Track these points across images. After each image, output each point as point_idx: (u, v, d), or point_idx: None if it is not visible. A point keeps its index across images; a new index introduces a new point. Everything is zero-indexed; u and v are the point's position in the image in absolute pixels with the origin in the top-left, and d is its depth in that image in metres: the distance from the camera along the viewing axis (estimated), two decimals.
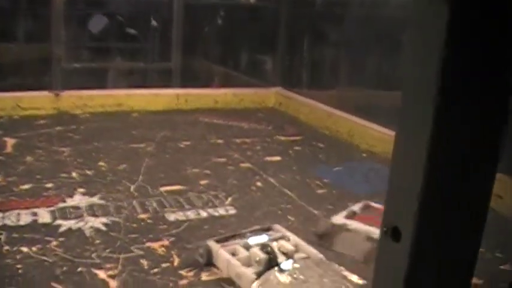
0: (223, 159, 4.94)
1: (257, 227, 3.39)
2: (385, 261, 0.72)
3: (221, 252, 3.03)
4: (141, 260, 3.10)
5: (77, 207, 3.73)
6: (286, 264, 2.77)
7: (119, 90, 6.59)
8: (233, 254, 3.03)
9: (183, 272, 3.01)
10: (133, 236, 3.39)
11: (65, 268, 2.97)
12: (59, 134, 5.36)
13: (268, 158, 5.10)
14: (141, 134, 5.53)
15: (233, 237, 3.22)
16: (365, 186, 4.56)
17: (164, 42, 7.12)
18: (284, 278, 2.65)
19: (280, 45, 7.51)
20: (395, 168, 0.72)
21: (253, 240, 3.13)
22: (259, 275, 2.74)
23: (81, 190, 4.02)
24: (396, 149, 0.71)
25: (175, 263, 3.10)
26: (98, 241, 3.29)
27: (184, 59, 7.14)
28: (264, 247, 2.96)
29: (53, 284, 2.81)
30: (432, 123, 0.63)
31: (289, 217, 3.81)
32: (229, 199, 4.06)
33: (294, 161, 5.06)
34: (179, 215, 3.73)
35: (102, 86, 6.67)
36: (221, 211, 3.85)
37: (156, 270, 3.02)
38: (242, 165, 4.84)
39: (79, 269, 2.96)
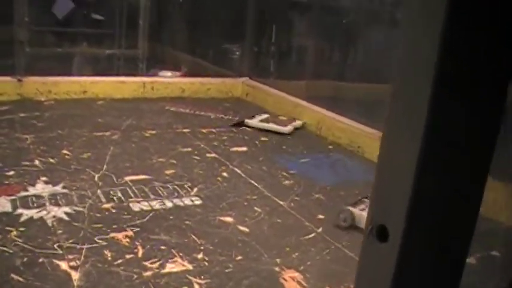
0: (189, 149, 4.89)
1: None
2: (369, 263, 0.67)
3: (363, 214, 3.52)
4: (105, 251, 3.05)
5: (39, 196, 3.65)
6: None
7: (84, 77, 6.47)
8: None
9: (147, 264, 2.97)
10: (97, 226, 3.33)
11: (25, 259, 2.89)
12: (21, 120, 5.24)
13: (235, 149, 5.07)
14: (106, 122, 5.44)
15: (360, 201, 3.77)
16: (332, 177, 4.57)
17: (131, 29, 7.02)
18: None
19: (248, 35, 7.47)
20: (384, 161, 0.67)
21: None
22: None
23: (44, 179, 3.94)
24: (386, 139, 0.65)
25: (140, 254, 3.06)
26: (60, 231, 3.23)
27: (151, 46, 7.06)
28: None
29: (13, 276, 2.74)
30: (427, 114, 0.58)
31: (255, 208, 3.80)
32: (195, 189, 4.02)
33: (261, 152, 5.05)
34: (144, 205, 3.68)
35: (67, 72, 6.54)
36: (187, 201, 3.82)
37: (119, 261, 2.97)
38: (208, 155, 4.80)
39: (40, 260, 2.90)
